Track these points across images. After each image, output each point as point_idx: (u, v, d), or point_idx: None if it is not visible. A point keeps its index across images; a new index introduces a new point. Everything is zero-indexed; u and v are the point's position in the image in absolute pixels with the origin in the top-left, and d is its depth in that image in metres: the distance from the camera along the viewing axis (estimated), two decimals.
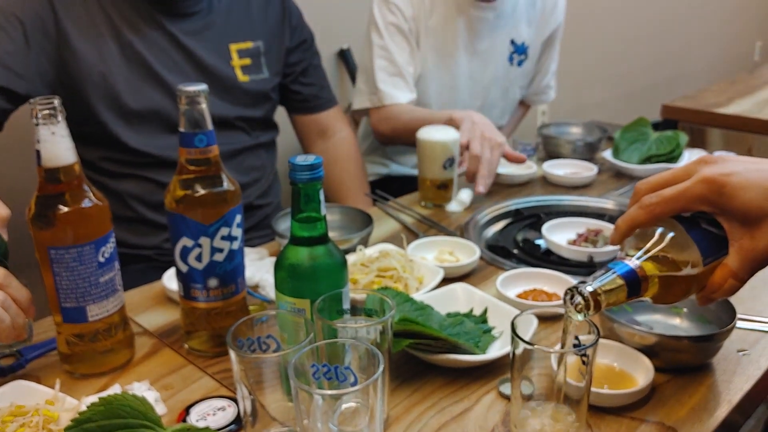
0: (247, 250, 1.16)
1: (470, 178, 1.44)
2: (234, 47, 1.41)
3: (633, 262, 0.68)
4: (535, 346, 0.67)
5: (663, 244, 0.69)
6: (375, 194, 1.51)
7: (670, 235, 0.69)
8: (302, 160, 0.74)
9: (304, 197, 0.76)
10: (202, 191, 0.84)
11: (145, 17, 1.30)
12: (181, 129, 0.83)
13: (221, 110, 1.39)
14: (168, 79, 1.30)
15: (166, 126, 1.31)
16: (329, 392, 0.66)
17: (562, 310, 0.72)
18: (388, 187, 1.56)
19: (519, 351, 0.68)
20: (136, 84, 1.29)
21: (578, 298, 0.66)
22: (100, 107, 1.26)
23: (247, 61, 1.43)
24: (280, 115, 1.60)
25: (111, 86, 1.27)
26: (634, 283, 0.67)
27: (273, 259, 1.13)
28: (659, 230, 0.70)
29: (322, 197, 0.77)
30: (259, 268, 1.10)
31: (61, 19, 1.22)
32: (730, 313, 0.88)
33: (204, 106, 0.83)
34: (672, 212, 0.70)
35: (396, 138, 1.72)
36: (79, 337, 0.85)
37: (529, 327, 0.81)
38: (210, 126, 0.83)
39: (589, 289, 0.66)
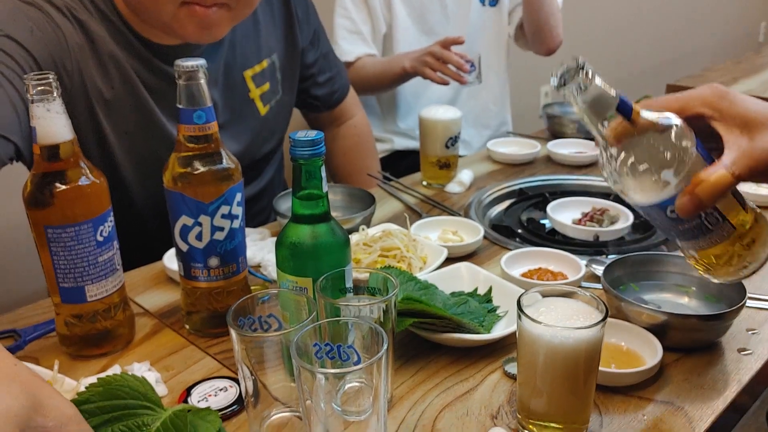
0: (249, 231, 1.14)
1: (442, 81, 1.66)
2: (249, 74, 1.29)
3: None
4: (542, 323, 0.65)
5: (664, 112, 0.67)
6: (378, 174, 1.50)
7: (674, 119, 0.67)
8: (303, 135, 0.73)
9: (306, 174, 0.74)
10: (201, 169, 0.82)
11: (153, 70, 1.15)
12: (180, 105, 0.81)
13: (253, 153, 1.32)
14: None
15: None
16: (332, 371, 0.64)
17: (569, 288, 0.71)
18: (397, 165, 1.55)
19: (525, 327, 0.67)
20: (150, 145, 1.18)
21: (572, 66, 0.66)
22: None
23: (266, 87, 1.32)
24: None
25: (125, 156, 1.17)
26: (626, 108, 0.65)
27: (275, 239, 1.11)
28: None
29: (323, 174, 0.75)
30: (260, 248, 1.09)
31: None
32: (740, 292, 0.87)
33: (203, 82, 0.81)
34: (674, 109, 0.68)
35: (368, 90, 1.85)
36: (78, 317, 0.84)
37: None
38: (209, 102, 0.82)
39: (587, 65, 0.65)
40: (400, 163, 1.87)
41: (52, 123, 0.77)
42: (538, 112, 2.98)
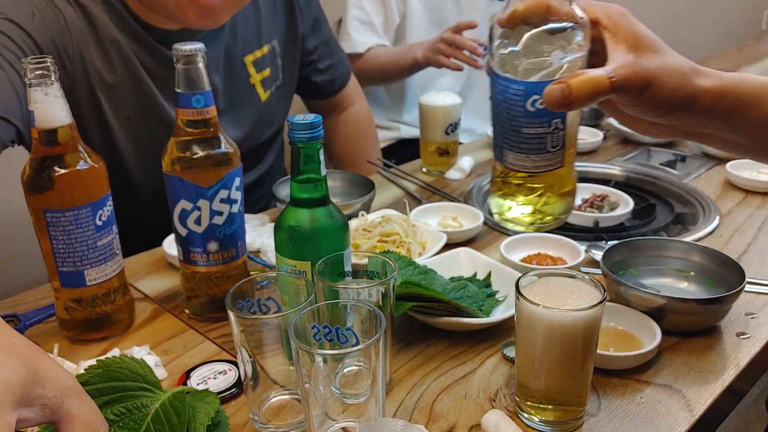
0: (248, 217, 1.14)
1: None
2: (249, 59, 1.29)
3: None
4: (540, 306, 0.65)
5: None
6: (378, 161, 1.50)
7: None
8: (301, 118, 0.72)
9: (304, 157, 0.74)
10: (200, 153, 0.82)
11: (154, 54, 1.15)
12: (178, 90, 0.81)
13: (253, 139, 1.32)
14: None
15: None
16: (330, 352, 0.65)
17: (567, 272, 0.71)
18: (402, 152, 1.56)
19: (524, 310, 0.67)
20: (151, 131, 1.18)
21: None
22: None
23: (266, 72, 1.32)
24: None
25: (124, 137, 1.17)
26: None
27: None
28: None
29: (322, 157, 0.75)
30: (260, 234, 1.09)
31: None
32: (739, 276, 0.87)
33: (201, 66, 0.81)
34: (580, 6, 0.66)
35: (378, 80, 1.86)
36: (78, 302, 0.84)
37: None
38: (207, 86, 0.82)
39: None
40: (406, 151, 1.87)
41: (50, 107, 0.77)
42: None
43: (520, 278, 0.69)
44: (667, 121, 0.65)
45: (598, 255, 1.00)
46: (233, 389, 0.76)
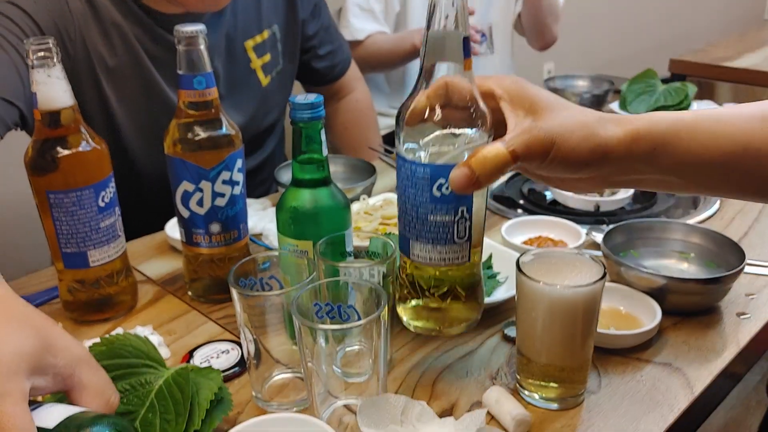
0: (250, 201, 1.15)
1: None
2: (250, 45, 1.28)
3: None
4: (541, 282, 0.65)
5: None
6: (379, 147, 1.50)
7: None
8: (302, 98, 0.73)
9: (306, 138, 0.74)
10: (202, 134, 0.83)
11: (156, 38, 1.16)
12: (180, 71, 0.81)
13: (255, 125, 1.32)
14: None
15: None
16: (331, 327, 0.65)
17: (568, 250, 0.71)
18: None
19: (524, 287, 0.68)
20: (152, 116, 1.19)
21: None
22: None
23: (267, 58, 1.32)
24: None
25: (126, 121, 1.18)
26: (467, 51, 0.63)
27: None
28: None
29: (323, 138, 0.75)
30: (261, 218, 1.09)
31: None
32: (739, 257, 0.87)
33: (202, 47, 0.81)
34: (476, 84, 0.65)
35: (378, 67, 1.85)
36: (81, 283, 0.84)
37: None
38: (209, 68, 0.82)
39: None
40: None
41: (53, 88, 0.77)
42: (540, 85, 2.97)
43: (521, 256, 0.70)
44: (587, 174, 0.63)
45: (598, 237, 1.00)
46: (236, 368, 0.77)
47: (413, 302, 0.72)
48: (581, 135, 0.61)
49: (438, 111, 0.63)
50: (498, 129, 0.65)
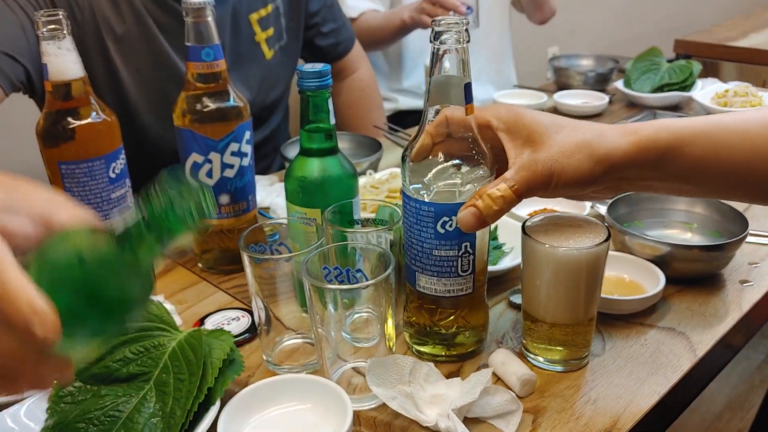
0: (258, 177, 1.16)
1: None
2: (254, 18, 1.30)
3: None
4: (546, 245, 0.67)
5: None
6: (383, 126, 1.51)
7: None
8: (310, 67, 0.74)
9: (313, 107, 0.75)
10: (211, 106, 0.84)
11: (164, 6, 1.17)
12: (188, 43, 0.82)
13: (261, 100, 1.34)
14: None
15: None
16: (340, 287, 0.66)
17: (572, 214, 0.72)
18: (401, 124, 1.57)
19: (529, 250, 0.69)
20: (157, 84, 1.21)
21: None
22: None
23: (270, 31, 1.33)
24: None
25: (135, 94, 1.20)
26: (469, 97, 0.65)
27: (283, 184, 1.13)
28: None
29: (330, 107, 0.76)
30: (269, 193, 1.11)
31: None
32: (742, 226, 0.88)
33: (210, 19, 0.82)
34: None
35: (371, 45, 1.82)
36: None
37: None
38: (216, 40, 0.83)
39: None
40: (404, 122, 1.88)
41: (63, 60, 0.78)
42: (545, 74, 2.97)
43: (526, 221, 0.71)
44: (595, 188, 0.64)
45: (602, 209, 1.01)
46: (246, 334, 0.78)
47: (419, 329, 0.74)
48: (581, 156, 0.61)
49: (441, 149, 0.66)
50: (498, 154, 0.66)
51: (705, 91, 1.57)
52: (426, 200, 0.66)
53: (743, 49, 2.25)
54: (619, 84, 1.65)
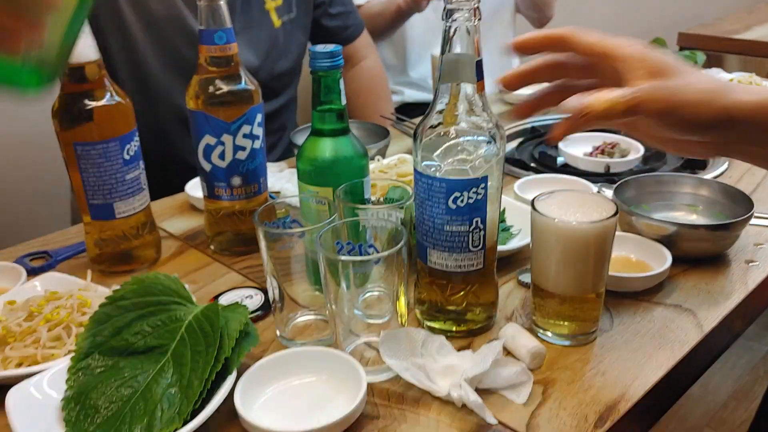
0: (268, 164, 1.17)
1: None
2: None
3: None
4: (555, 219, 0.68)
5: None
6: (390, 116, 1.52)
7: None
8: (322, 47, 0.75)
9: (325, 87, 0.77)
10: (224, 88, 0.85)
11: None
12: (201, 26, 0.83)
13: (269, 68, 1.36)
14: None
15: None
16: (353, 258, 0.68)
17: (581, 190, 0.73)
18: (407, 116, 1.58)
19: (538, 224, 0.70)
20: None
21: None
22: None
23: (279, 1, 1.36)
24: None
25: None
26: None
27: (292, 171, 1.14)
28: None
29: (342, 87, 0.78)
30: (279, 179, 1.12)
31: None
32: (747, 207, 0.89)
33: (223, 2, 0.83)
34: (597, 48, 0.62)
35: (374, 33, 1.80)
36: (108, 237, 0.87)
37: None
38: (229, 23, 0.84)
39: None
40: (411, 115, 1.89)
41: (79, 43, 0.79)
42: None
43: (536, 197, 0.72)
44: (709, 137, 0.61)
45: (609, 193, 1.02)
46: (259, 311, 0.80)
47: (430, 305, 0.75)
48: (708, 96, 0.58)
49: (452, 125, 0.67)
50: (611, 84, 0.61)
51: None
52: (437, 176, 0.68)
53: (747, 41, 2.26)
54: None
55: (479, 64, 0.66)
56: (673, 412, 1.28)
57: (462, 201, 0.68)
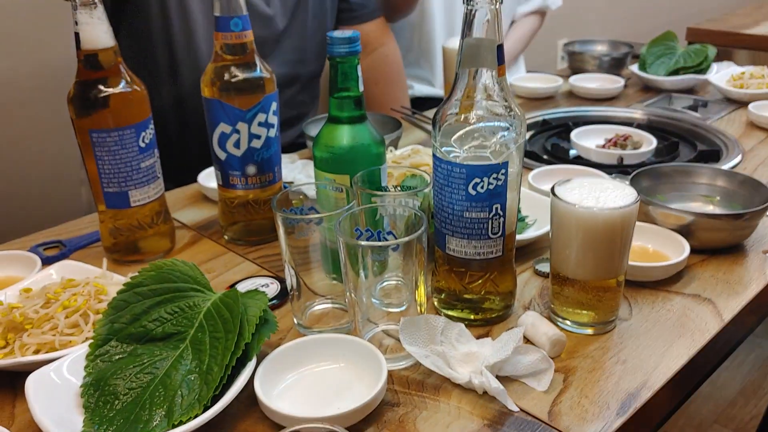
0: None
1: None
2: None
3: None
4: (576, 205, 0.67)
5: None
6: (402, 109, 1.51)
7: None
8: (340, 33, 0.74)
9: (342, 74, 0.76)
10: (239, 76, 0.84)
11: None
12: (216, 13, 0.83)
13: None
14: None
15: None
16: (372, 243, 0.67)
17: (599, 175, 0.73)
18: (417, 110, 1.57)
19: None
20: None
21: None
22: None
23: None
24: None
25: None
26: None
27: (305, 161, 1.14)
28: None
29: (359, 74, 0.77)
30: (291, 170, 1.11)
31: None
32: (764, 197, 0.88)
33: None
34: None
35: (390, 14, 1.77)
36: (122, 226, 0.87)
37: None
38: (245, 10, 0.83)
39: None
40: (420, 110, 1.88)
41: (95, 29, 0.79)
42: (554, 65, 2.96)
43: (555, 183, 0.72)
44: None
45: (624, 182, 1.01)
46: (275, 300, 0.79)
47: (448, 293, 0.75)
48: None
49: (472, 111, 0.67)
50: None
51: (721, 74, 1.57)
52: (457, 162, 0.67)
53: (757, 36, 2.25)
54: (634, 68, 1.65)
55: (500, 49, 0.65)
56: (681, 408, 1.27)
57: (482, 187, 0.67)
